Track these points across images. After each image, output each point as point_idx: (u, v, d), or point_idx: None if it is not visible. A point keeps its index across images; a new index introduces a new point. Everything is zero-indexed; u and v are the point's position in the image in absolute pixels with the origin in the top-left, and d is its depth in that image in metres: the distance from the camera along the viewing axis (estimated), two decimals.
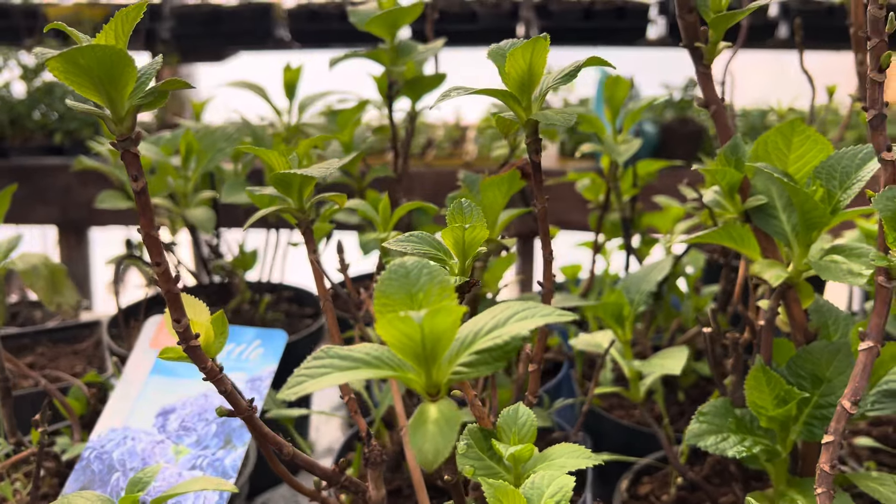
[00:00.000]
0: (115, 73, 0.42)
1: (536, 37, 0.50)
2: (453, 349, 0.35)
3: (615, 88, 0.91)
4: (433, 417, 0.33)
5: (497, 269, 0.91)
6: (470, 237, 0.47)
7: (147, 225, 0.45)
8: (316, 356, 0.35)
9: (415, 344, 0.34)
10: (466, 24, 3.18)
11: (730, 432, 0.61)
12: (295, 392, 0.34)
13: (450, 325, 0.34)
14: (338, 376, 0.34)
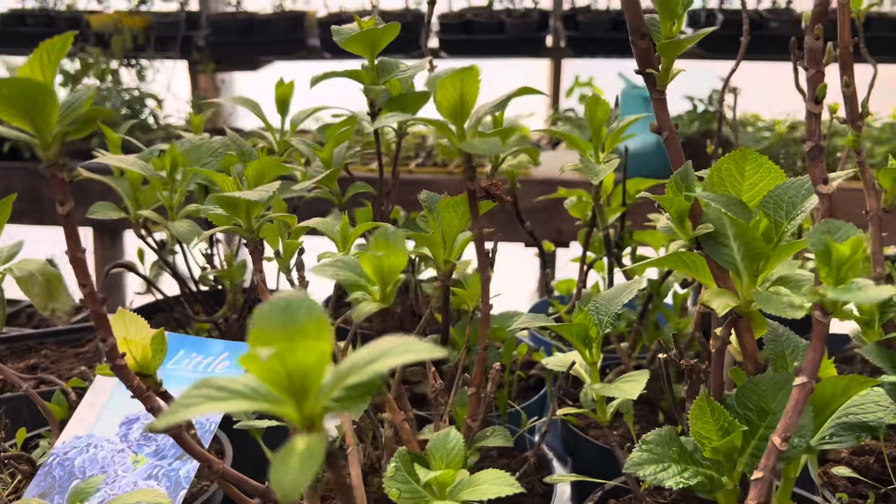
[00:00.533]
0: (39, 103, 0.44)
1: (465, 67, 0.51)
2: (328, 383, 0.36)
3: (595, 109, 0.91)
4: (299, 450, 0.34)
5: (474, 287, 0.91)
6: (388, 264, 0.48)
7: (73, 248, 0.47)
8: (195, 385, 0.36)
9: (282, 378, 0.35)
10: (494, 34, 3.19)
11: (672, 462, 0.61)
12: (168, 421, 0.35)
13: (315, 360, 0.34)
14: (210, 406, 0.35)
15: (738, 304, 0.60)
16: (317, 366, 0.35)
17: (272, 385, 0.35)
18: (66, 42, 0.46)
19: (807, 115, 0.52)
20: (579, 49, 3.24)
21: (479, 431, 0.81)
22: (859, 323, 0.90)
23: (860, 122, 0.98)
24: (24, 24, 3.34)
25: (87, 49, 3.19)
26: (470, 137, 0.54)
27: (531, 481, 0.86)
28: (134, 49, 3.23)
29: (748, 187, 0.63)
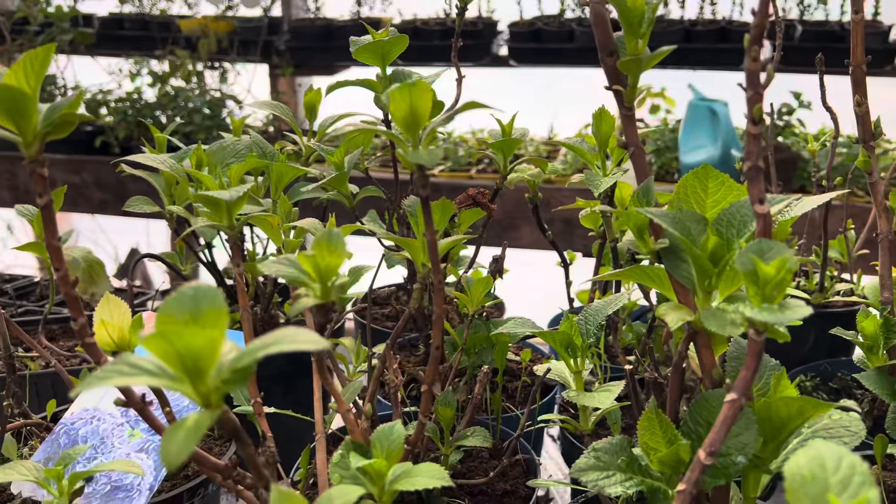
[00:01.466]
0: (20, 108, 0.50)
1: (416, 80, 0.54)
2: (223, 365, 0.40)
3: (601, 122, 0.92)
4: (187, 425, 0.38)
5: (475, 290, 0.94)
6: (324, 263, 0.52)
7: (49, 236, 0.53)
8: (113, 362, 0.41)
9: (175, 359, 0.39)
10: (564, 42, 3.19)
11: (618, 471, 0.62)
12: (82, 388, 0.40)
13: (204, 344, 0.38)
14: (120, 380, 0.40)
15: (692, 320, 0.61)
16: (208, 349, 0.39)
17: (169, 364, 0.39)
18: (47, 53, 0.52)
19: (746, 135, 0.52)
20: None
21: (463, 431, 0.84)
22: (862, 348, 0.88)
23: (872, 143, 0.96)
24: (121, 27, 3.57)
25: (175, 51, 3.38)
26: (423, 148, 0.57)
27: (516, 484, 0.88)
28: (218, 52, 3.40)
29: (711, 204, 0.63)
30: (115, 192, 3.13)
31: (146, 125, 3.23)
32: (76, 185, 3.15)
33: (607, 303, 0.85)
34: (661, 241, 0.62)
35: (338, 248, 0.53)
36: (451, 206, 0.72)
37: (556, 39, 3.22)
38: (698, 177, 0.63)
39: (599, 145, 0.95)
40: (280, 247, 0.86)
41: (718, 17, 3.15)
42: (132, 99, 3.29)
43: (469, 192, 0.80)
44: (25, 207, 1.12)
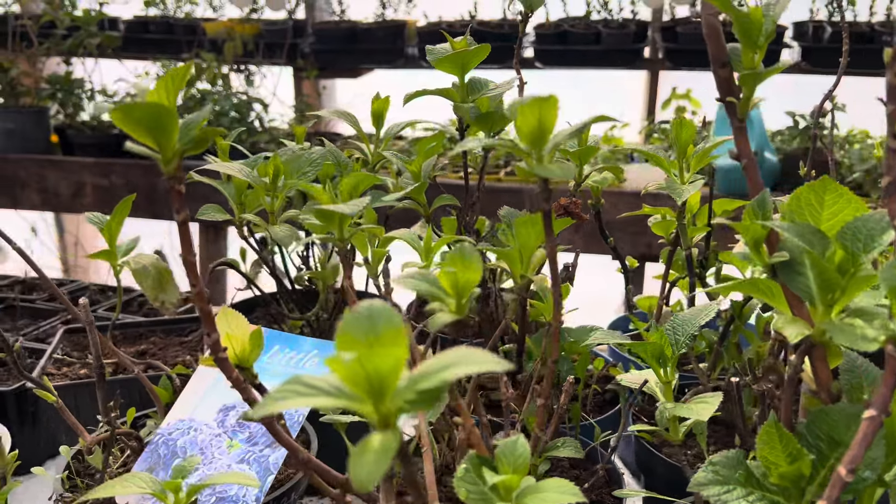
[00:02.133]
0: (162, 124, 0.50)
1: (547, 95, 0.54)
2: (402, 386, 0.40)
3: (681, 129, 0.92)
4: (374, 447, 0.38)
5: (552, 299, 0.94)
6: (463, 279, 0.52)
7: (186, 251, 0.53)
8: (287, 382, 0.41)
9: (361, 380, 0.39)
10: (590, 44, 3.18)
11: (737, 485, 0.61)
12: (262, 412, 0.40)
13: (391, 366, 0.38)
14: (298, 401, 0.40)
15: (811, 333, 0.61)
16: (393, 370, 0.39)
17: (352, 385, 0.39)
18: (187, 71, 0.52)
19: (886, 150, 0.52)
20: (677, 61, 3.19)
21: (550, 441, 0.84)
22: None
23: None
24: (146, 30, 3.58)
25: (201, 54, 3.39)
26: (547, 162, 0.57)
27: (601, 494, 0.88)
28: (244, 55, 3.41)
29: (828, 217, 0.63)
30: (144, 195, 3.14)
31: None
32: (105, 188, 3.16)
33: (697, 313, 0.85)
34: (779, 254, 0.62)
35: (473, 264, 0.53)
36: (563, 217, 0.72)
37: (582, 42, 3.22)
38: (814, 189, 0.62)
39: (678, 153, 0.94)
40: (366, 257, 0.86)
41: None
42: None
43: (562, 202, 0.80)
44: (94, 215, 1.12)
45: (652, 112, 3.37)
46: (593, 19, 3.28)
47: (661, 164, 0.94)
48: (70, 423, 0.83)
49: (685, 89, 3.42)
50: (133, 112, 0.49)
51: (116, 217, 1.11)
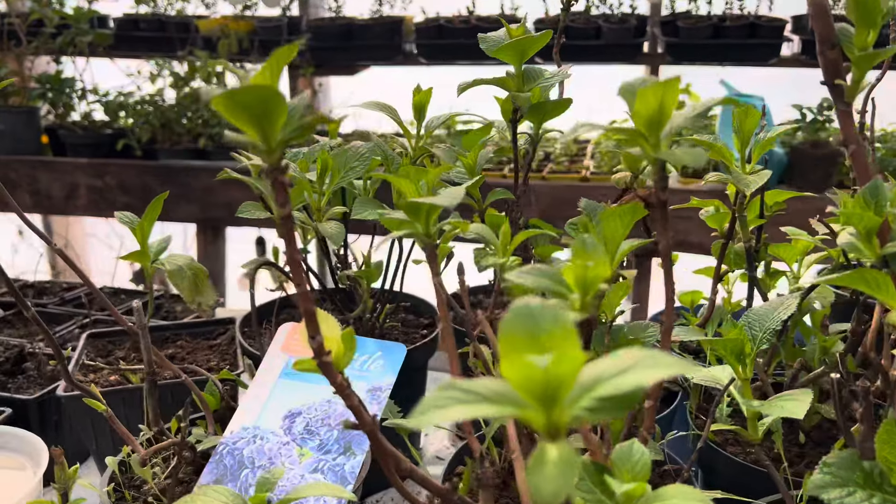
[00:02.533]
0: (269, 109, 0.46)
1: (670, 78, 0.50)
2: (574, 392, 0.36)
3: (745, 118, 0.89)
4: (553, 459, 0.35)
5: (613, 296, 0.90)
6: (592, 274, 0.48)
7: (291, 250, 0.49)
8: (443, 387, 0.37)
9: (537, 386, 0.35)
10: (591, 39, 3.16)
11: (857, 487, 0.59)
12: (421, 421, 0.36)
13: (573, 370, 0.35)
14: (460, 409, 0.36)
15: None
16: (573, 374, 0.35)
17: (523, 391, 0.36)
18: (292, 51, 0.48)
19: None
20: (678, 55, 3.18)
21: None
22: None
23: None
24: (137, 28, 3.50)
25: (195, 52, 3.32)
26: (664, 148, 0.53)
27: None
28: (238, 53, 3.34)
29: None
30: (139, 196, 3.07)
31: (170, 127, 3.18)
32: (99, 189, 3.09)
33: (774, 307, 0.82)
34: (894, 244, 0.59)
35: (602, 258, 0.49)
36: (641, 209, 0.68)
37: (583, 36, 3.19)
38: None
39: (741, 143, 0.92)
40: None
41: (746, 12, 3.14)
42: (154, 101, 3.23)
43: (639, 193, 0.77)
44: (125, 215, 1.08)
45: None
46: (593, 14, 3.25)
47: (724, 155, 0.91)
48: (120, 432, 0.78)
49: (685, 84, 3.40)
50: (238, 96, 0.44)
51: (149, 216, 1.06)
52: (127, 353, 1.21)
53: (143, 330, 0.79)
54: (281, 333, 0.82)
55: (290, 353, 0.80)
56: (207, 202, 3.06)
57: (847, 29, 0.60)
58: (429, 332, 1.25)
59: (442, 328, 0.62)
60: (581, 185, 2.76)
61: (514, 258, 0.73)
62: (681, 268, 1.46)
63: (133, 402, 1.06)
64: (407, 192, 0.61)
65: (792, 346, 1.05)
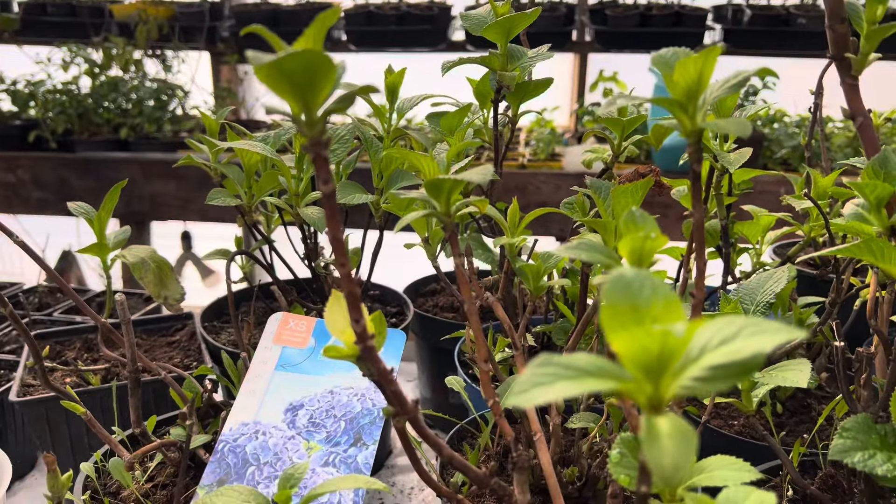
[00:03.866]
0: (316, 78, 0.43)
1: (712, 46, 0.50)
2: (679, 363, 0.35)
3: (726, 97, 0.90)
4: (667, 432, 0.33)
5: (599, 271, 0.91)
6: (649, 247, 0.47)
7: (334, 228, 0.46)
8: (540, 363, 0.35)
9: (650, 357, 0.34)
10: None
11: (875, 449, 0.60)
12: (524, 400, 0.34)
13: (685, 339, 0.34)
14: (565, 386, 0.34)
15: None
16: (685, 343, 0.34)
17: (632, 363, 0.34)
18: (335, 14, 0.45)
19: None
20: (606, 43, 3.24)
21: None
22: None
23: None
24: (45, 13, 3.30)
25: (111, 38, 3.16)
26: (700, 119, 0.53)
27: None
28: (158, 39, 3.20)
29: None
30: (55, 191, 2.90)
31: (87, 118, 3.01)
32: (11, 185, 2.90)
33: (765, 279, 0.84)
34: None
35: (655, 229, 0.48)
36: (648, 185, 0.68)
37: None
38: None
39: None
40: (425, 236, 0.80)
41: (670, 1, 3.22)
42: (68, 90, 3.05)
43: (640, 170, 0.77)
44: (80, 206, 1.01)
45: (582, 95, 3.41)
46: (523, 2, 3.27)
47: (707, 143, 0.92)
48: (100, 435, 0.73)
49: (612, 72, 3.47)
50: (285, 64, 0.41)
51: (106, 206, 1.00)
52: (79, 353, 1.13)
53: (127, 325, 0.74)
54: (273, 324, 0.78)
55: (285, 344, 0.76)
56: (131, 196, 2.92)
57: (855, 4, 0.62)
58: (398, 322, 1.23)
59: (467, 308, 0.60)
60: (519, 173, 2.78)
61: (521, 237, 0.71)
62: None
63: (94, 404, 0.99)
64: (428, 170, 0.58)
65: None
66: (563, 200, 0.84)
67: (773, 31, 3.08)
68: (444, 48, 3.27)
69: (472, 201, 0.61)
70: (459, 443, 0.92)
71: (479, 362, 0.59)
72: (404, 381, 1.47)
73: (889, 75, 2.68)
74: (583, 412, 0.82)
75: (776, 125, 2.98)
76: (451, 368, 1.08)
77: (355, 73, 0.95)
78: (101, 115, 3.00)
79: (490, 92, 0.97)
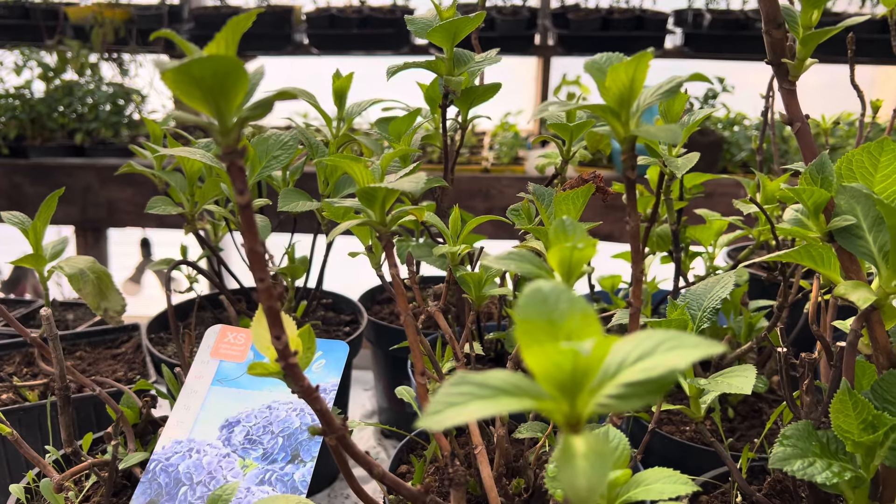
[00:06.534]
0: (228, 84, 0.41)
1: (642, 52, 0.49)
2: (596, 380, 0.34)
3: (672, 103, 0.90)
4: (582, 452, 0.32)
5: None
6: (578, 256, 0.46)
7: (251, 240, 0.44)
8: (454, 382, 0.34)
9: (564, 374, 0.33)
10: (486, 31, 3.17)
11: (815, 457, 0.60)
12: (437, 422, 0.33)
13: (600, 355, 0.33)
14: (478, 405, 0.33)
15: (877, 297, 0.60)
16: (600, 360, 0.33)
17: (546, 381, 0.33)
18: (249, 18, 0.43)
19: None
20: (568, 47, 3.25)
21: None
22: None
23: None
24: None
25: (65, 41, 3.09)
26: (633, 125, 0.52)
27: None
28: (115, 43, 3.14)
29: (881, 178, 0.62)
30: (7, 197, 2.82)
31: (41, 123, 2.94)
32: None
33: (712, 285, 0.83)
34: (843, 217, 0.61)
35: (586, 239, 0.47)
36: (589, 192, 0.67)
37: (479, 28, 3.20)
38: (870, 151, 0.62)
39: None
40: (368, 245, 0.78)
41: (632, 5, 3.24)
42: (20, 94, 2.98)
43: (584, 176, 0.76)
44: (14, 215, 0.97)
45: (545, 98, 3.42)
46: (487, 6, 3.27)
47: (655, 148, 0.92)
48: (29, 456, 0.70)
49: (575, 75, 3.49)
50: (194, 69, 0.39)
51: (42, 216, 0.96)
52: (18, 367, 1.09)
53: (54, 340, 0.71)
54: (210, 336, 0.76)
55: (222, 357, 0.73)
56: (87, 203, 2.86)
57: (791, 9, 0.61)
58: (352, 330, 1.21)
59: (403, 320, 0.58)
60: (483, 177, 2.77)
61: (464, 246, 0.70)
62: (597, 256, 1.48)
63: (31, 421, 0.96)
64: (362, 178, 0.56)
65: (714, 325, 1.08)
66: (510, 207, 0.83)
67: (732, 36, 3.11)
68: (408, 51, 3.26)
69: (408, 210, 0.60)
70: (409, 454, 0.90)
71: (416, 376, 0.57)
72: (361, 389, 1.45)
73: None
74: (531, 422, 0.80)
75: (736, 128, 3.01)
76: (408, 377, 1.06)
77: (318, 77, 0.92)
78: (55, 120, 2.93)
79: (440, 97, 0.96)
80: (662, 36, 3.18)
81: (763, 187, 0.95)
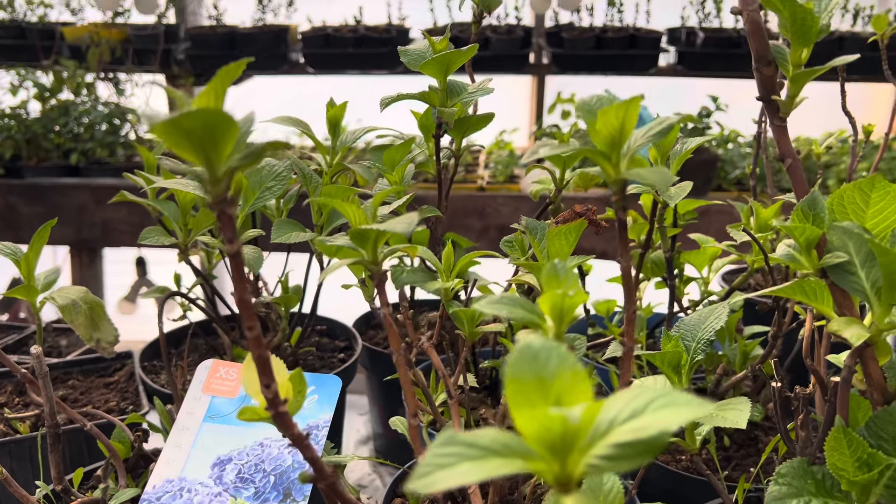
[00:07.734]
0: (217, 136, 0.41)
1: (632, 97, 0.49)
2: (587, 439, 0.34)
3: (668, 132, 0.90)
4: None
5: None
6: (569, 303, 0.46)
7: (241, 290, 0.44)
8: (442, 442, 0.34)
9: (553, 436, 0.32)
10: (480, 50, 3.17)
11: (811, 496, 0.60)
12: (426, 485, 0.32)
13: (589, 417, 0.32)
14: (469, 468, 0.33)
15: (871, 333, 0.60)
16: (590, 422, 0.33)
17: (535, 442, 0.33)
18: (239, 66, 0.43)
19: None
20: (563, 66, 3.26)
21: None
22: None
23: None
24: None
25: (61, 61, 3.09)
26: (624, 167, 0.52)
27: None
28: (111, 62, 3.14)
29: (872, 214, 0.63)
30: (3, 218, 2.82)
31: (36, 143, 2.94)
32: None
33: (706, 316, 0.83)
34: (834, 254, 0.61)
35: (577, 286, 0.47)
36: (582, 227, 0.67)
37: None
38: (860, 188, 0.62)
39: (661, 154, 0.93)
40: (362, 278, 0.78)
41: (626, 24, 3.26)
42: (16, 114, 2.98)
43: (576, 209, 0.76)
44: (6, 246, 0.97)
45: (540, 117, 3.43)
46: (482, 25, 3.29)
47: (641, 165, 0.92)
48: (18, 495, 0.69)
49: (570, 94, 3.50)
50: (184, 122, 0.39)
51: (34, 246, 0.96)
52: (10, 397, 1.09)
53: (44, 378, 0.70)
54: (202, 372, 0.76)
55: (214, 393, 0.73)
56: (81, 223, 2.85)
57: (781, 47, 0.62)
58: (347, 357, 1.21)
59: (396, 360, 0.58)
60: (478, 195, 2.78)
61: (457, 280, 0.70)
62: (592, 275, 1.49)
63: (22, 454, 0.95)
64: (354, 218, 0.56)
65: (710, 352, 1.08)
66: (503, 239, 0.83)
67: (725, 54, 3.13)
68: (403, 70, 3.27)
69: (402, 248, 0.60)
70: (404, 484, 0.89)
71: (409, 417, 0.57)
72: (356, 414, 1.44)
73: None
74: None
75: (730, 146, 3.03)
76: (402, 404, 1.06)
77: (313, 97, 0.92)
78: (50, 140, 2.93)
79: (433, 126, 0.96)
80: (656, 54, 3.20)
81: (756, 214, 0.96)
